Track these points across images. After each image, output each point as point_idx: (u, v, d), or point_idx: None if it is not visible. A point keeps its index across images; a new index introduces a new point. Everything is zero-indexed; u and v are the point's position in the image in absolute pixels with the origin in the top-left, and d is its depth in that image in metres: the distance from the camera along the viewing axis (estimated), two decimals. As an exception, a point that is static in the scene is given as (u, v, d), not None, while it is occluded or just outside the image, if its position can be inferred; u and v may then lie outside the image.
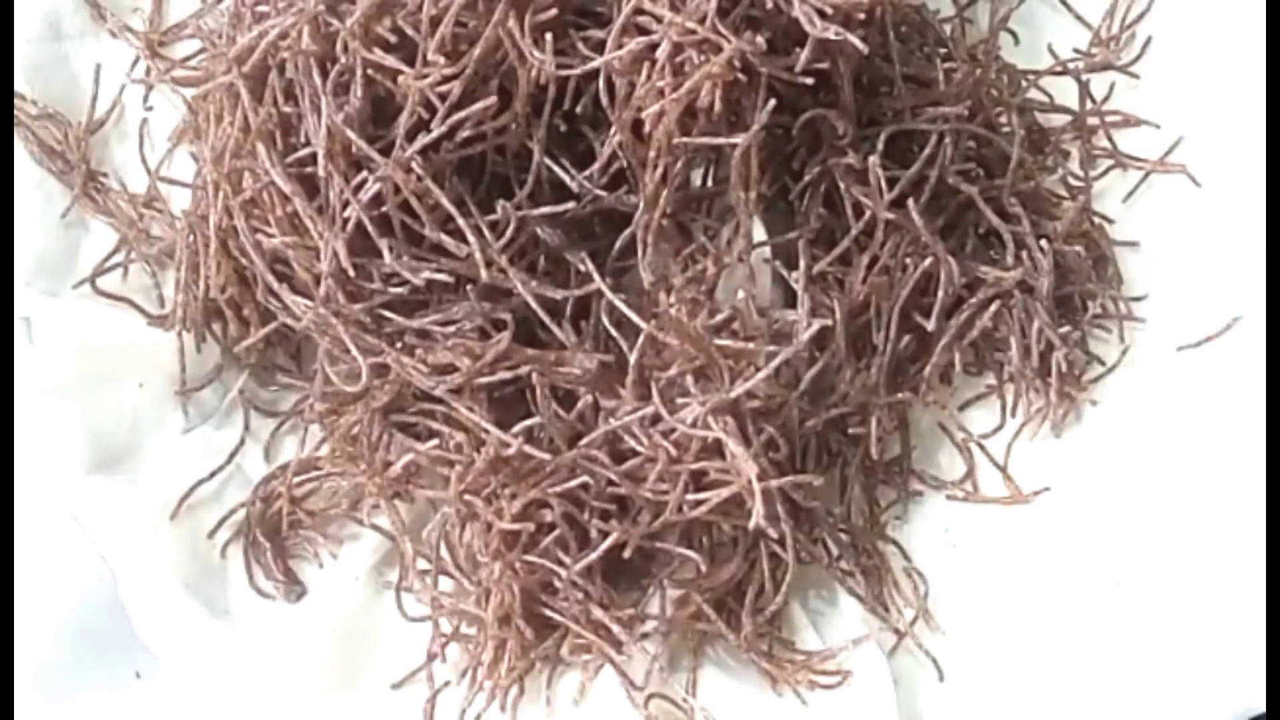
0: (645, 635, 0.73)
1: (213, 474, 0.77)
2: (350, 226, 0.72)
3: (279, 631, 0.74)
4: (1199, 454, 0.77)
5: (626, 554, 0.72)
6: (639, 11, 0.71)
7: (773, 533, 0.70)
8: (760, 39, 0.70)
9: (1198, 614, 0.73)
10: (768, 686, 0.73)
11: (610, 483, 0.72)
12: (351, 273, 0.72)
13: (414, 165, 0.71)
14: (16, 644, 0.72)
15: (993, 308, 0.78)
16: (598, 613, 0.72)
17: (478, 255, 0.72)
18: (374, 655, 0.74)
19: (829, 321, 0.74)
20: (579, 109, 0.73)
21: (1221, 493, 0.75)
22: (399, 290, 0.73)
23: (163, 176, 0.81)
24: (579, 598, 0.72)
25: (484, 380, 0.73)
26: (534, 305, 0.73)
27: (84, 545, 0.75)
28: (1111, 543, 0.76)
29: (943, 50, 0.81)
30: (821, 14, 0.69)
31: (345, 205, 0.72)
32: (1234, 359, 0.78)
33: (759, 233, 0.75)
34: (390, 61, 0.71)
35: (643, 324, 0.72)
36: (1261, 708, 0.69)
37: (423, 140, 0.71)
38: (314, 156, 0.72)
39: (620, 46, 0.71)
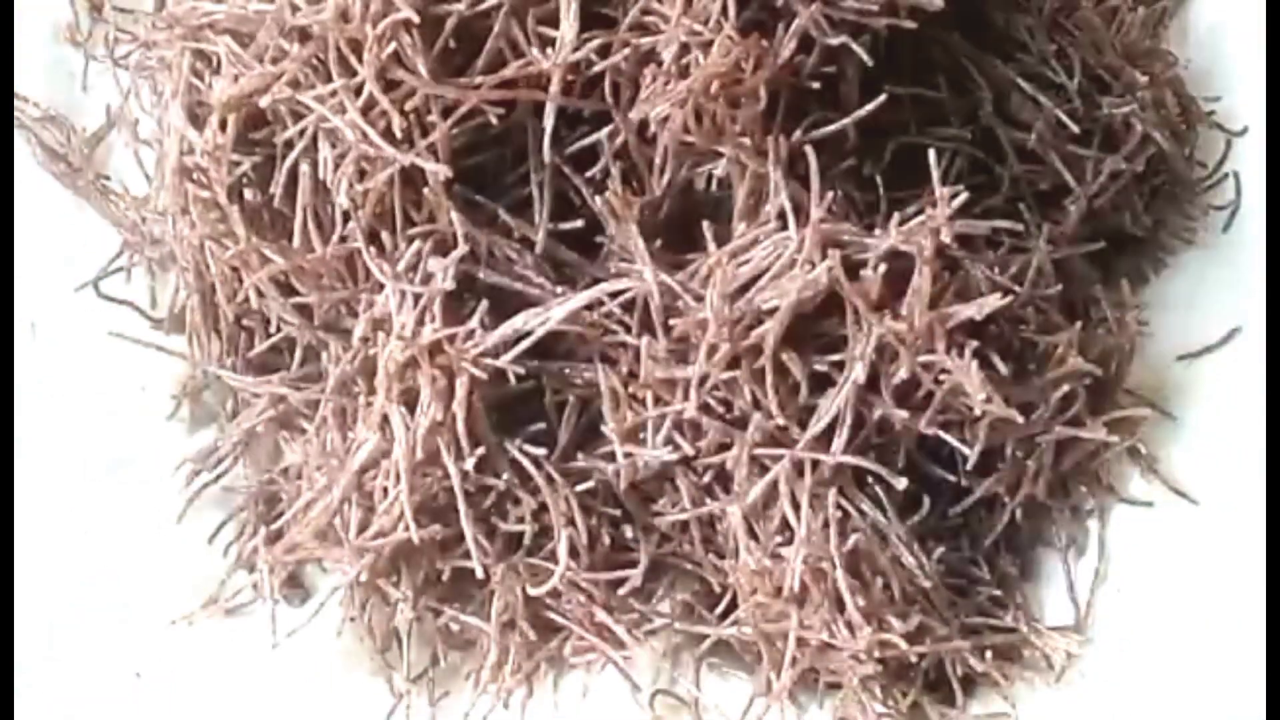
0: (652, 633, 0.73)
1: (216, 477, 0.77)
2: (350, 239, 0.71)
3: (282, 634, 0.74)
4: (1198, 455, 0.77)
5: (639, 571, 0.72)
6: (646, 12, 0.70)
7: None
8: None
9: (1196, 622, 0.73)
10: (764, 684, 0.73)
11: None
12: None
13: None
14: (16, 644, 0.72)
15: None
16: (601, 615, 0.73)
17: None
18: (378, 659, 0.74)
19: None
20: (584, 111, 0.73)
21: (1221, 495, 0.75)
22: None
23: (159, 211, 0.80)
24: (582, 601, 0.73)
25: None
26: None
27: (85, 546, 0.75)
28: (1110, 548, 0.76)
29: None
30: (830, 21, 0.69)
31: (346, 220, 0.71)
32: (1234, 361, 0.79)
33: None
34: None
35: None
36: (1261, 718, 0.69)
37: (423, 143, 0.70)
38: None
39: (626, 47, 0.70)
